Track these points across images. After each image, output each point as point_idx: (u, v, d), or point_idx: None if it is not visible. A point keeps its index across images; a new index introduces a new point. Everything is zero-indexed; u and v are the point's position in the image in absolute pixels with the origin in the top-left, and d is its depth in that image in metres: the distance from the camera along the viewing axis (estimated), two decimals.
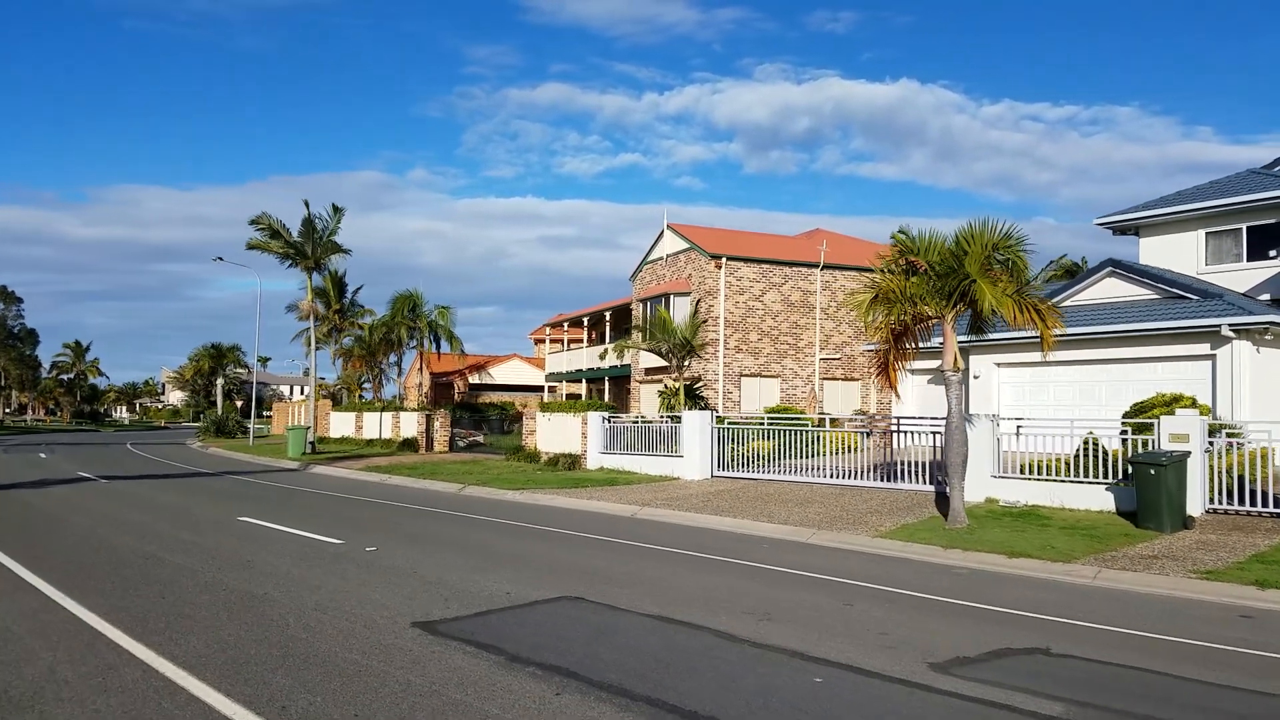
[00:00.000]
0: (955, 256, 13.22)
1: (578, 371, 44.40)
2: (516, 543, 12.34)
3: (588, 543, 12.46)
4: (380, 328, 46.25)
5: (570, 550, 11.73)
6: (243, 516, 14.60)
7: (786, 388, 31.84)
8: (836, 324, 32.71)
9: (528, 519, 15.28)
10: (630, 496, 18.28)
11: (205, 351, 61.55)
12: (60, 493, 18.67)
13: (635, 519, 15.88)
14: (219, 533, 12.69)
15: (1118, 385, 21.04)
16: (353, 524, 14.09)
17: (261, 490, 20.44)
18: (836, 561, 11.27)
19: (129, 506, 16.18)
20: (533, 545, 12.11)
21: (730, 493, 18.44)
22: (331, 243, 33.03)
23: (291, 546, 11.43)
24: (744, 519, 15.07)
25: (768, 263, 31.73)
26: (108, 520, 14.03)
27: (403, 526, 13.94)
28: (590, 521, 15.19)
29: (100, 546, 11.33)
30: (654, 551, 11.74)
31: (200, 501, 17.39)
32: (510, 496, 19.32)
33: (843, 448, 23.36)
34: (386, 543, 11.88)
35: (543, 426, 27.94)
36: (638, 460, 23.21)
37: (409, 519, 15.09)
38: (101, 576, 9.34)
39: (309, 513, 15.67)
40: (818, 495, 17.61)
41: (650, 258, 35.75)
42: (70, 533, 12.61)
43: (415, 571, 9.71)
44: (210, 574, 9.50)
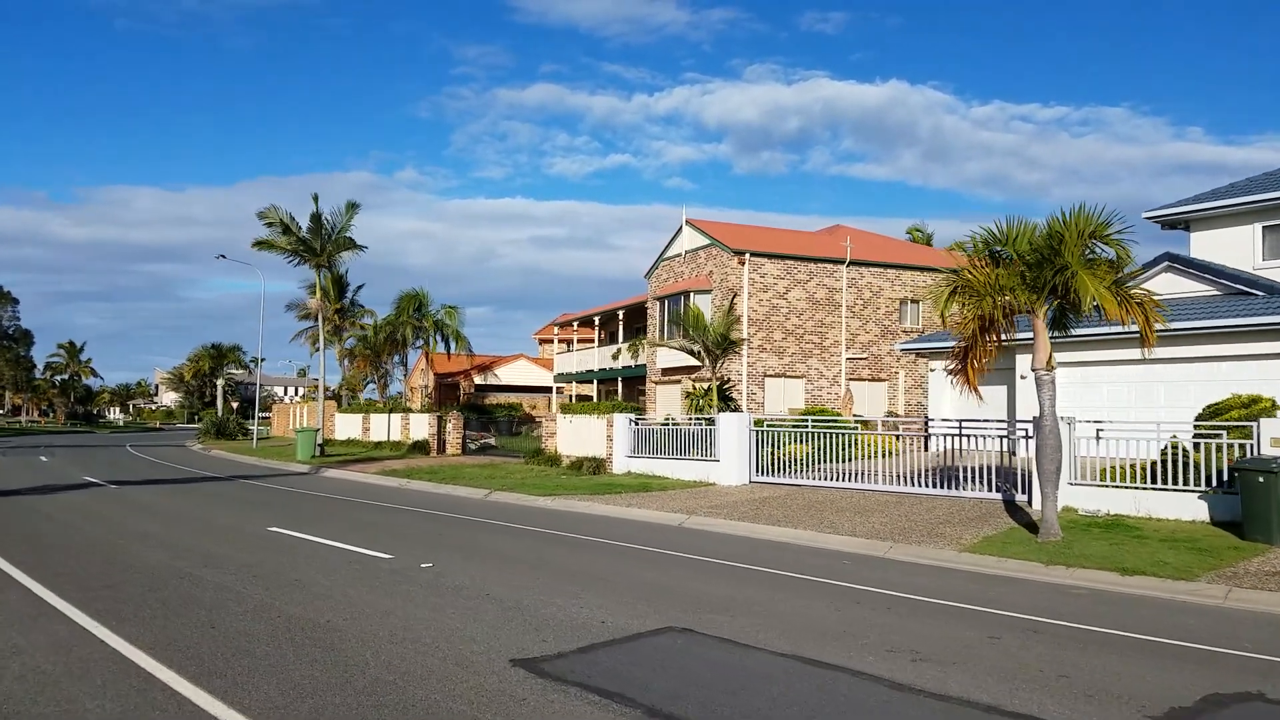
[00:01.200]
0: (1049, 245, 12.26)
1: (588, 372, 43.38)
2: (575, 556, 11.35)
3: (650, 557, 11.48)
4: (385, 327, 45.20)
5: (636, 566, 10.74)
6: (272, 527, 13.56)
7: (811, 388, 30.89)
8: (863, 322, 31.78)
9: (572, 528, 14.29)
10: (670, 504, 17.31)
11: (205, 351, 60.28)
12: (70, 500, 17.59)
13: (685, 529, 14.90)
14: (252, 546, 11.66)
15: (1179, 386, 20.14)
16: (391, 535, 13.08)
17: (279, 496, 19.39)
18: (936, 581, 10.30)
19: (146, 515, 15.12)
20: (594, 559, 11.12)
21: (776, 500, 17.49)
22: (345, 238, 31.91)
23: (338, 562, 10.41)
24: (805, 529, 14.09)
25: (792, 259, 30.78)
26: (128, 531, 12.98)
27: (446, 537, 12.94)
28: (639, 531, 14.21)
29: (127, 562, 10.30)
30: (730, 569, 10.75)
31: (220, 509, 16.34)
32: (542, 503, 18.32)
33: (881, 451, 22.51)
34: (437, 557, 10.87)
35: (564, 429, 26.94)
36: (668, 464, 22.23)
37: (449, 529, 14.07)
38: (136, 599, 8.31)
39: (339, 522, 14.65)
40: (873, 503, 16.67)
41: (667, 255, 34.77)
42: (90, 546, 11.57)
43: (486, 593, 8.71)
44: (258, 596, 8.49)
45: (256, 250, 32.21)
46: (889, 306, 32.23)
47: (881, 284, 32.07)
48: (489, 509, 17.42)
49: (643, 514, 16.44)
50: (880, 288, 32.05)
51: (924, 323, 32.80)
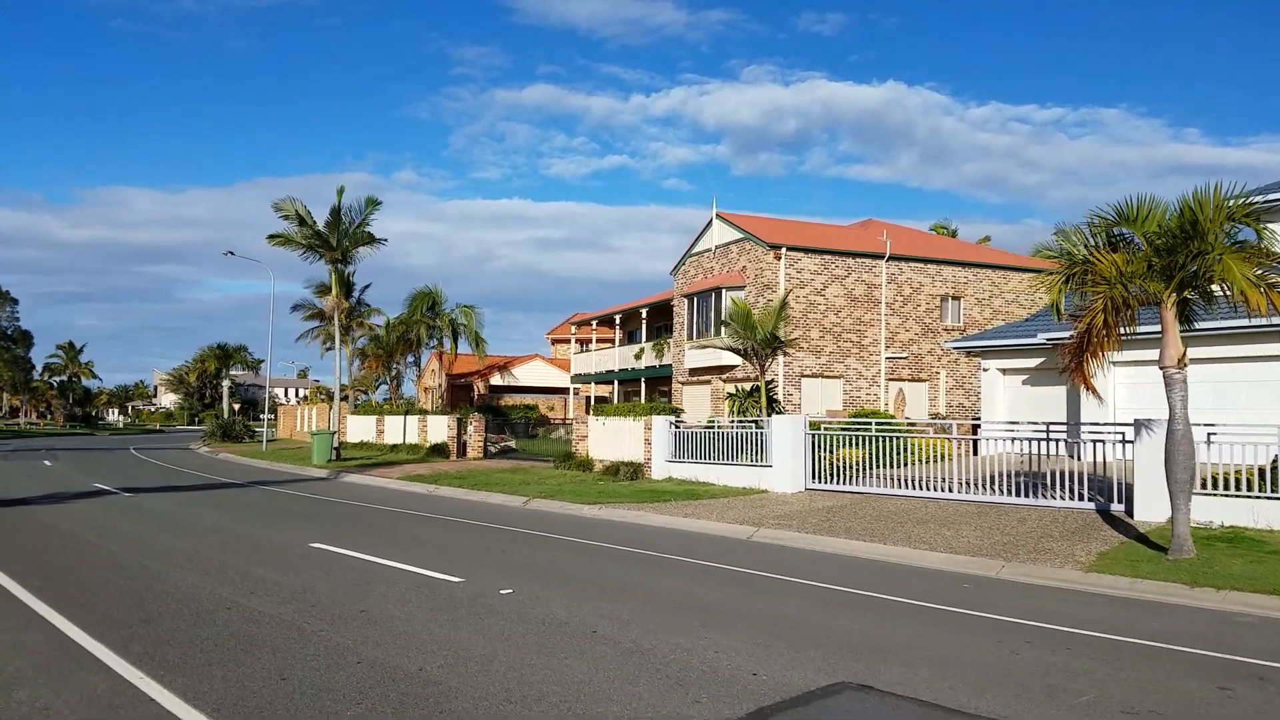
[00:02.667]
0: (1181, 228, 11.00)
1: (608, 372, 42.12)
2: (661, 579, 10.08)
3: (743, 580, 10.21)
4: (398, 326, 43.89)
5: (737, 591, 9.48)
6: (314, 542, 12.27)
7: (850, 389, 29.64)
8: (902, 320, 30.52)
9: (635, 543, 13.03)
10: (729, 513, 16.06)
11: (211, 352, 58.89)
12: (83, 511, 16.28)
13: (757, 543, 13.63)
14: (297, 566, 10.38)
15: (1262, 386, 18.90)
16: (446, 551, 11.80)
17: (306, 505, 18.10)
18: (1084, 609, 9.04)
19: (170, 529, 13.83)
20: (685, 583, 9.86)
21: (843, 509, 16.24)
22: (364, 233, 30.54)
23: (403, 588, 9.13)
24: (894, 545, 12.83)
25: (829, 253, 29.53)
26: (153, 549, 11.68)
27: (508, 555, 11.66)
28: (710, 547, 12.95)
29: (160, 589, 9.01)
30: (846, 597, 9.48)
31: (249, 521, 15.05)
32: (588, 512, 17.06)
33: (934, 455, 21.34)
34: (511, 580, 9.60)
35: (595, 432, 25.66)
36: (713, 470, 20.96)
37: (506, 543, 12.79)
38: (182, 639, 7.04)
39: (383, 535, 13.37)
40: (952, 514, 15.42)
41: (695, 250, 33.49)
42: (114, 567, 10.28)
43: (591, 630, 7.44)
44: (325, 634, 7.21)
45: (271, 245, 30.89)
46: (929, 303, 30.98)
47: (921, 280, 30.81)
48: (534, 519, 16.16)
49: (703, 525, 15.18)
50: (920, 284, 30.79)
51: (965, 320, 31.57)
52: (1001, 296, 32.26)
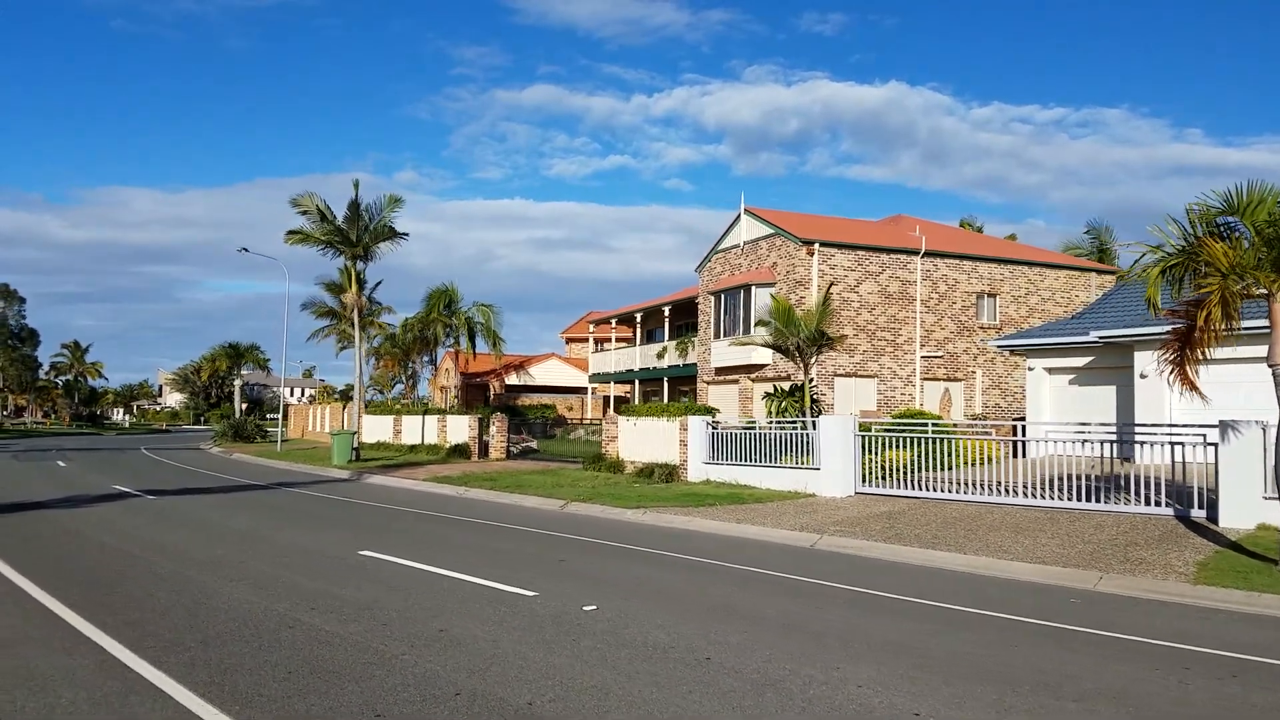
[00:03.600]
0: None
1: (628, 372, 41.39)
2: (747, 595, 9.34)
3: (830, 594, 9.46)
4: (414, 325, 43.14)
5: (836, 609, 8.74)
6: (363, 550, 11.53)
7: (884, 389, 28.88)
8: (938, 318, 29.75)
9: (693, 550, 12.31)
10: (783, 519, 15.32)
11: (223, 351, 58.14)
12: (108, 515, 15.56)
13: (824, 552, 12.89)
14: (353, 578, 9.64)
15: None
16: (504, 560, 11.06)
17: (339, 509, 17.38)
18: (1222, 630, 8.28)
19: (204, 536, 13.09)
20: (776, 600, 9.12)
21: (903, 515, 15.49)
22: (386, 228, 29.81)
23: (476, 604, 8.39)
24: (972, 554, 12.07)
25: (863, 249, 28.77)
26: (194, 558, 10.95)
27: (571, 565, 10.92)
28: (776, 556, 12.21)
29: (212, 605, 8.28)
30: (950, 615, 8.73)
31: (286, 526, 14.31)
32: (631, 517, 16.33)
33: (980, 458, 20.65)
34: (587, 594, 8.86)
35: (626, 432, 24.93)
36: (753, 472, 20.20)
37: (563, 551, 12.05)
38: (249, 665, 6.30)
39: (431, 542, 12.63)
40: (1020, 520, 14.67)
41: (721, 246, 32.74)
42: (156, 580, 9.55)
43: (703, 656, 6.69)
44: (408, 658, 6.48)
45: (289, 243, 30.18)
46: (965, 300, 30.21)
47: (956, 276, 30.05)
48: (576, 524, 15.42)
49: (760, 532, 14.43)
50: (955, 280, 30.03)
51: (1001, 318, 30.80)
52: (1038, 294, 31.48)
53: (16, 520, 14.55)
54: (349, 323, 51.68)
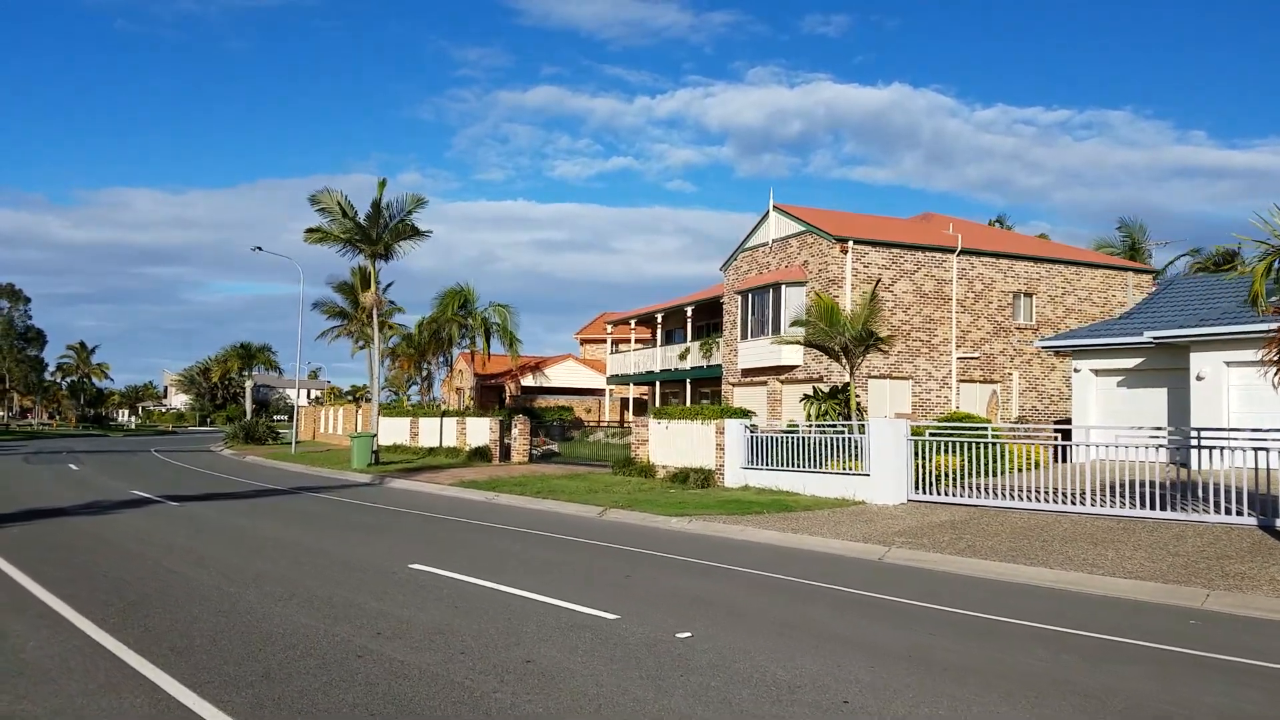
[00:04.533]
0: None
1: (648, 373, 40.60)
2: (845, 619, 8.57)
3: (942, 620, 8.68)
4: (430, 325, 42.38)
5: (943, 636, 7.96)
6: (413, 563, 10.76)
7: (919, 391, 28.07)
8: (974, 318, 28.94)
9: (754, 563, 11.55)
10: (841, 529, 14.55)
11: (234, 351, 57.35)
12: (134, 524, 14.81)
13: (894, 566, 12.11)
14: (413, 596, 8.87)
15: None
16: (566, 575, 10.29)
17: (370, 516, 16.61)
18: None
19: (241, 547, 12.33)
20: (880, 627, 8.34)
21: (966, 525, 14.72)
22: (408, 226, 29.06)
23: (554, 627, 7.62)
24: (1059, 569, 11.28)
25: (898, 246, 27.97)
26: (235, 573, 10.19)
27: (639, 580, 10.14)
28: (843, 570, 11.46)
29: (266, 630, 7.51)
30: (1098, 644, 7.95)
31: (323, 536, 13.53)
32: (677, 525, 15.56)
33: (1028, 463, 19.92)
34: (671, 617, 8.10)
35: (657, 435, 24.17)
36: (795, 478, 19.43)
37: (617, 563, 11.28)
38: (327, 706, 5.53)
39: (481, 553, 11.86)
40: (1092, 530, 13.90)
41: (748, 244, 31.96)
42: (198, 598, 8.78)
43: (839, 699, 5.90)
44: (501, 696, 5.70)
45: (308, 241, 29.41)
46: (1001, 300, 29.40)
47: (993, 275, 29.24)
48: (621, 533, 14.66)
49: (821, 544, 13.64)
50: (992, 279, 29.22)
51: (1037, 318, 29.99)
52: (1074, 293, 30.67)
53: (39, 529, 13.81)
54: (360, 323, 51.09)
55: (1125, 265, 32.71)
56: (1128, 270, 32.01)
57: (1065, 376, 30.51)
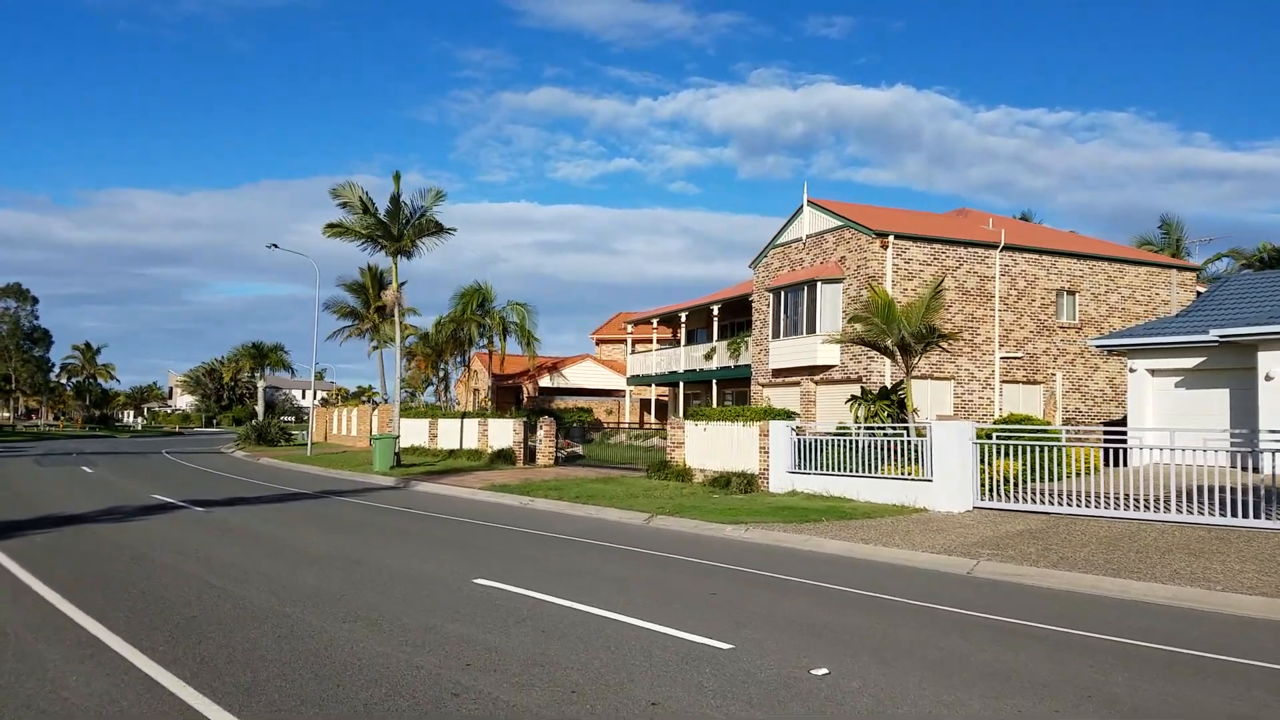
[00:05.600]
0: None
1: (670, 374, 39.67)
2: (970, 646, 7.64)
3: (1078, 645, 7.76)
4: (448, 324, 41.59)
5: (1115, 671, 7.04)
6: (477, 578, 9.84)
7: (961, 392, 27.13)
8: (1016, 316, 27.99)
9: (837, 577, 10.64)
10: (914, 539, 13.62)
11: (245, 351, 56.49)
12: (162, 531, 13.90)
13: (989, 580, 11.16)
14: (491, 617, 7.94)
15: None
16: (644, 593, 9.38)
17: (409, 523, 15.71)
18: None
19: (281, 558, 11.42)
20: (1010, 655, 7.42)
21: (1044, 533, 13.81)
22: (431, 221, 28.17)
23: (664, 658, 6.70)
24: (1165, 583, 10.31)
25: (940, 242, 27.03)
26: (287, 590, 9.27)
27: (723, 599, 9.22)
28: (941, 587, 10.54)
29: (340, 660, 6.59)
30: (1259, 673, 7.05)
31: (368, 545, 12.58)
32: (733, 534, 14.64)
33: (1085, 467, 19.07)
34: (792, 646, 7.19)
35: (694, 438, 23.25)
36: (847, 483, 18.48)
37: (687, 577, 10.37)
38: None
39: (542, 567, 10.93)
40: (1184, 539, 12.98)
41: (780, 240, 31.04)
42: (253, 621, 7.87)
43: None
44: None
45: (327, 236, 28.53)
46: (1044, 298, 28.45)
47: (1036, 272, 28.29)
48: (678, 543, 13.73)
49: (898, 555, 12.67)
50: (1035, 277, 28.27)
51: (1080, 316, 29.04)
52: (1117, 291, 29.72)
53: (63, 539, 12.91)
54: (371, 323, 50.33)
55: (1169, 263, 31.75)
56: (1171, 268, 31.06)
57: (1109, 377, 29.57)
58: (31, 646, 6.91)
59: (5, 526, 14.05)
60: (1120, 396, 29.66)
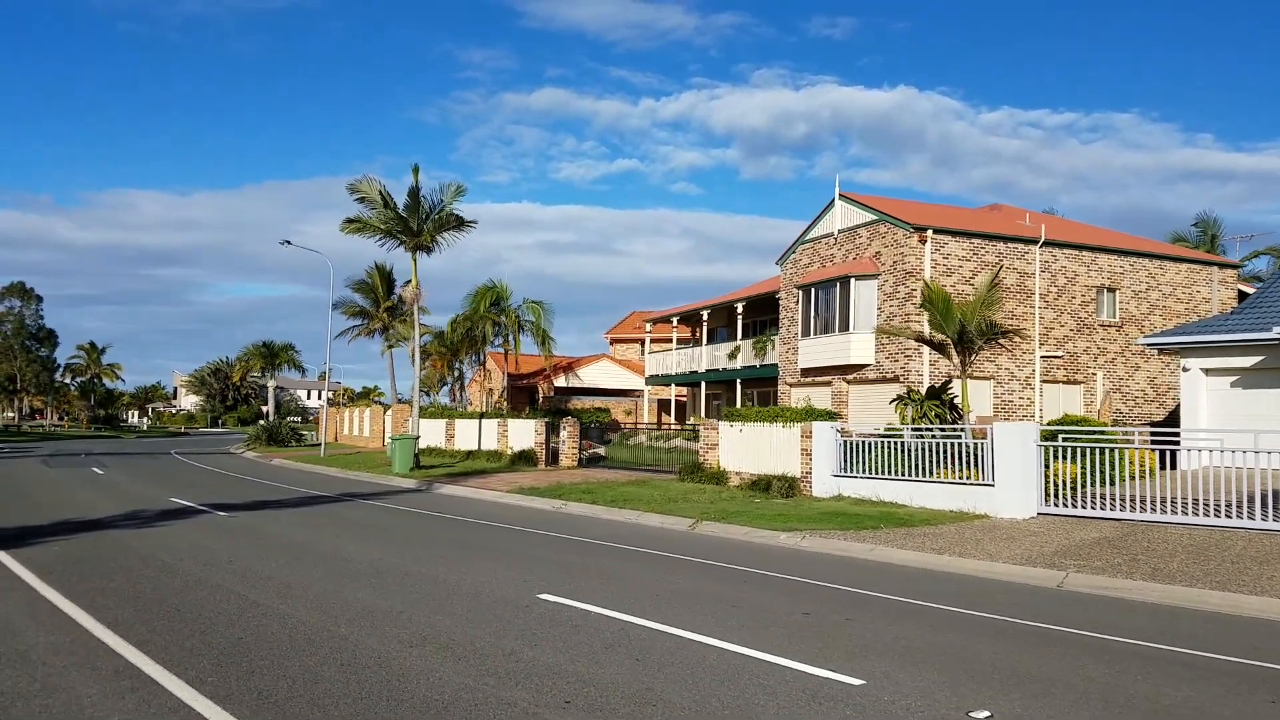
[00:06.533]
0: None
1: (691, 374, 38.81)
2: (1128, 680, 6.79)
3: (1244, 675, 6.92)
4: (463, 323, 40.73)
5: None
6: (541, 593, 8.98)
7: (1001, 391, 26.26)
8: (1057, 314, 27.10)
9: (920, 593, 9.78)
10: (984, 547, 12.78)
11: (256, 350, 55.64)
12: (187, 537, 13.05)
13: (1085, 595, 10.30)
14: (569, 639, 7.09)
15: None
16: (732, 611, 8.52)
17: (442, 528, 14.85)
18: None
19: (322, 569, 10.55)
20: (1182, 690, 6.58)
21: (1122, 541, 12.98)
22: (451, 215, 27.31)
23: (790, 698, 5.82)
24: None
25: (979, 237, 26.15)
26: (338, 608, 8.42)
27: (819, 620, 8.36)
28: (1030, 601, 9.71)
29: (422, 693, 5.72)
30: None
31: (409, 554, 11.72)
32: (788, 541, 13.75)
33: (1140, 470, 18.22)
34: (921, 681, 6.34)
35: (728, 439, 22.39)
36: (897, 487, 17.62)
37: (775, 594, 9.52)
38: None
39: (605, 579, 10.05)
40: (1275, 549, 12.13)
41: (809, 236, 30.17)
42: (307, 646, 7.02)
43: None
44: None
45: (345, 232, 27.72)
46: (1084, 295, 27.57)
47: (1076, 269, 27.41)
48: (734, 552, 12.86)
49: (975, 566, 11.78)
50: (1075, 273, 27.38)
51: (1121, 314, 28.15)
52: (1158, 289, 28.84)
53: (82, 547, 12.06)
54: (379, 323, 49.50)
55: (1211, 260, 30.84)
56: (1212, 265, 30.16)
57: (1150, 377, 28.70)
58: (62, 677, 6.06)
59: (20, 533, 13.21)
60: (1162, 397, 28.75)
